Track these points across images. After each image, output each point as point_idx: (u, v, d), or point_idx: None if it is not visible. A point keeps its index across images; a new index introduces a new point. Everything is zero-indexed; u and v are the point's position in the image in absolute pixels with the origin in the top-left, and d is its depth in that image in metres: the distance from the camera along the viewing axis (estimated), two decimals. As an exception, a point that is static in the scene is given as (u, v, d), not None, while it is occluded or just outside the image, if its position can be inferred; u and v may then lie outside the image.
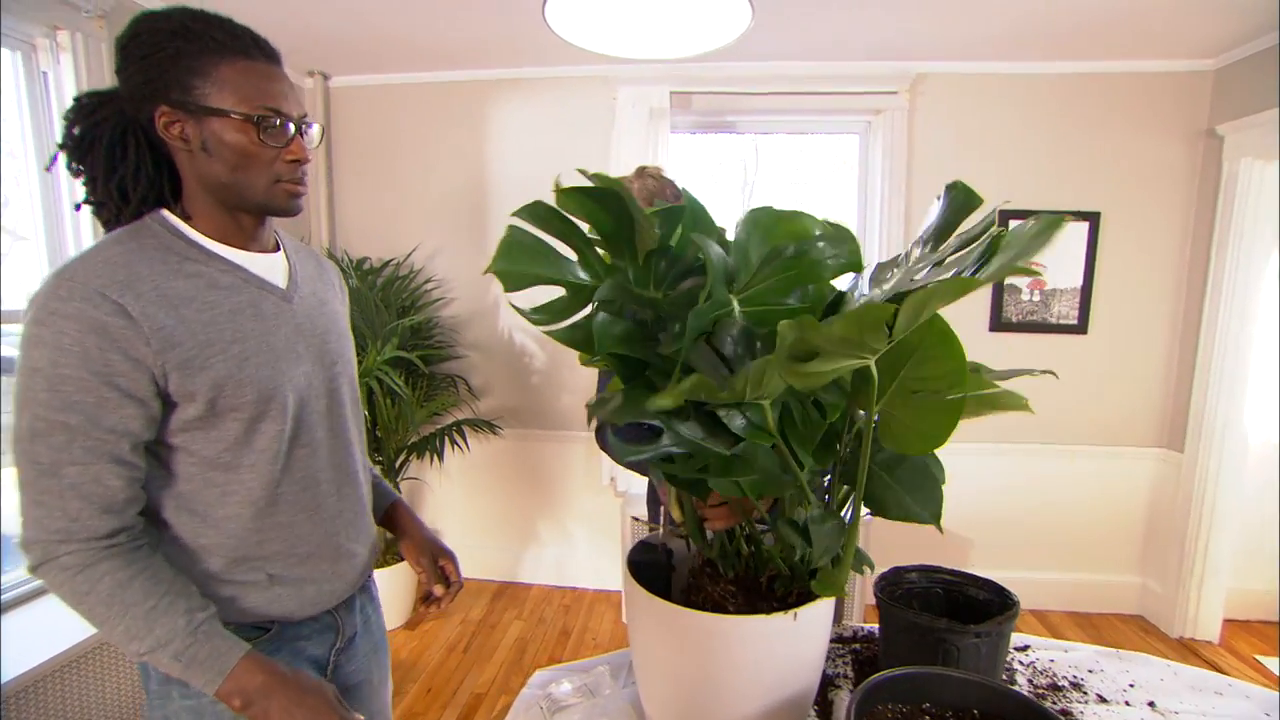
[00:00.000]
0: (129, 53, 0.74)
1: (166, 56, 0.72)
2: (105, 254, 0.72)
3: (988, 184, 2.64)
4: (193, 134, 0.74)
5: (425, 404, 2.65)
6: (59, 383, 0.67)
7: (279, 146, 0.77)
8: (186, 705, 0.79)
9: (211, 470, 0.78)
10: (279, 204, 0.80)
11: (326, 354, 0.88)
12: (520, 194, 2.82)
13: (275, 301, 0.83)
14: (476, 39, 2.43)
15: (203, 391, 0.74)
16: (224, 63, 0.74)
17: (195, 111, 0.73)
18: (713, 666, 0.74)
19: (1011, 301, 2.71)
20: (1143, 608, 2.77)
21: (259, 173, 0.77)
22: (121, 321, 0.68)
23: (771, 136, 2.92)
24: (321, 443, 0.86)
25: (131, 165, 0.76)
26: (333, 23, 2.30)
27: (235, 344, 0.76)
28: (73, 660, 1.53)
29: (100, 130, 0.75)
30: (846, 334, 0.54)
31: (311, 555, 0.86)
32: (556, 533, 3.04)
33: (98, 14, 1.88)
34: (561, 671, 1.02)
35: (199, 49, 0.73)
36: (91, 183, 0.78)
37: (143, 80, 0.73)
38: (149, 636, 0.71)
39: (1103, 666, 1.07)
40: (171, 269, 0.74)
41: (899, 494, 0.70)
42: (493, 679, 2.31)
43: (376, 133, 2.88)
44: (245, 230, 0.82)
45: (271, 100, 0.76)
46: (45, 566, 0.70)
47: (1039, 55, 2.50)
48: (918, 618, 0.90)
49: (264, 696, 0.73)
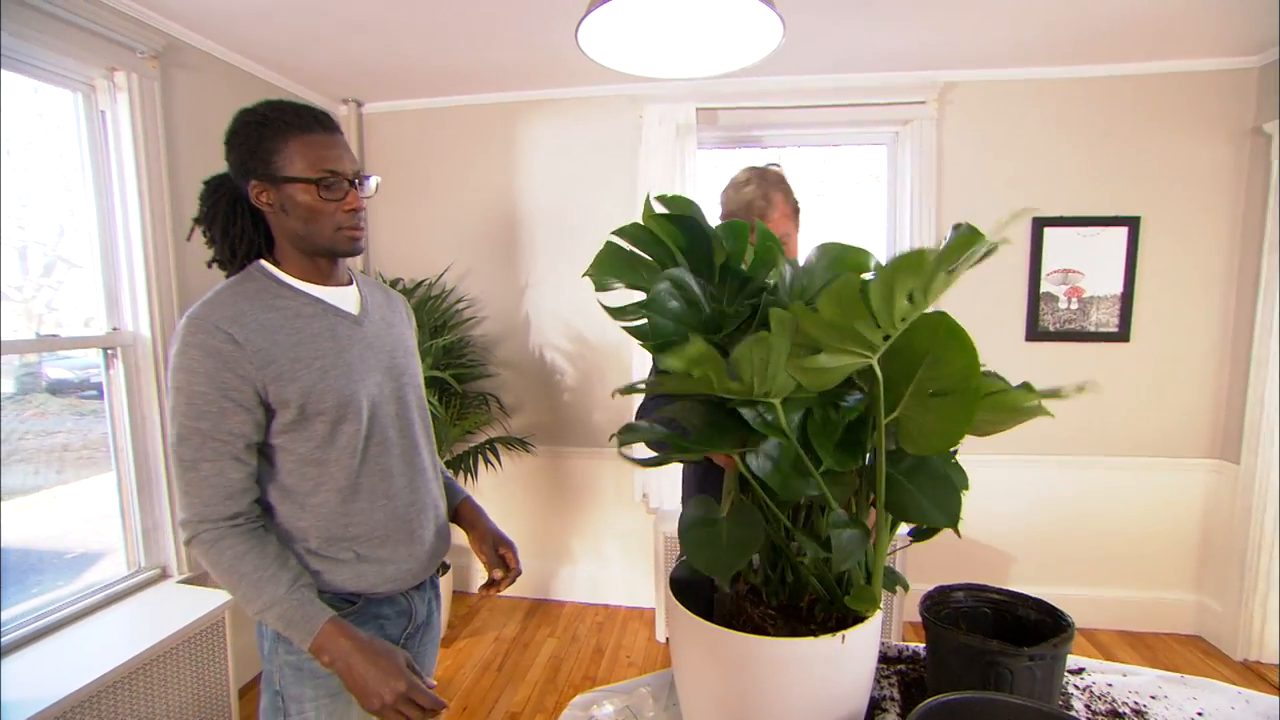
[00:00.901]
0: (231, 142, 0.96)
1: (254, 142, 0.93)
2: (220, 298, 0.93)
3: (1020, 191, 2.60)
4: (275, 199, 0.95)
5: (459, 422, 2.68)
6: (193, 398, 0.88)
7: (338, 200, 0.96)
8: (289, 660, 0.98)
9: (305, 465, 0.96)
10: (342, 247, 0.99)
11: (394, 367, 1.06)
12: (549, 213, 2.88)
13: (349, 325, 1.02)
14: (505, 63, 2.49)
15: (294, 399, 0.92)
16: (292, 139, 0.93)
17: (275, 181, 0.93)
18: (759, 690, 0.73)
19: (1048, 310, 2.65)
20: (1201, 627, 2.64)
21: (325, 223, 0.96)
22: (231, 347, 0.89)
23: (794, 150, 2.91)
24: (393, 441, 1.04)
25: (238, 230, 0.99)
26: (365, 52, 2.38)
27: (317, 360, 0.95)
28: (72, 708, 1.47)
29: (219, 204, 0.99)
30: (831, 317, 0.56)
31: (389, 538, 1.03)
32: (589, 550, 3.04)
33: (151, 54, 1.98)
34: (602, 694, 1.02)
35: (274, 132, 0.93)
36: (213, 245, 1.01)
37: (239, 162, 0.95)
38: (259, 599, 0.89)
39: (1166, 693, 1.02)
40: (266, 304, 0.95)
41: (917, 498, 0.70)
42: (528, 698, 2.30)
43: (408, 157, 2.96)
44: (322, 270, 1.02)
45: (329, 164, 0.95)
46: (193, 542, 0.91)
47: (1070, 59, 2.46)
48: (968, 639, 0.87)
49: (346, 654, 0.90)
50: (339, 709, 0.99)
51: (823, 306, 0.56)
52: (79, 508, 2.02)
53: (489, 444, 2.76)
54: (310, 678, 0.97)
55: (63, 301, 2.01)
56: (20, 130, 1.81)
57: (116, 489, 2.02)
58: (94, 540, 2.03)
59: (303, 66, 2.49)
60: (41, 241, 1.97)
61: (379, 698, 0.90)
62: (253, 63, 2.43)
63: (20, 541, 1.86)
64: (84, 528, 2.02)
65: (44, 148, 1.91)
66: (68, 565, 1.95)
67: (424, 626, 1.15)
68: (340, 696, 0.99)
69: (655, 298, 0.73)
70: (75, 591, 1.89)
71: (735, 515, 0.74)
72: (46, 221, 1.97)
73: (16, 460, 1.85)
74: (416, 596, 1.11)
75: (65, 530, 1.99)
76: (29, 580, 1.83)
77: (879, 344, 0.60)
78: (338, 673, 0.91)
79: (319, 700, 0.98)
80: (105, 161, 1.94)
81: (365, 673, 0.90)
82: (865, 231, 2.86)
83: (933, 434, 0.64)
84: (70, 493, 1.99)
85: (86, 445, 2.02)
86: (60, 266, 2.00)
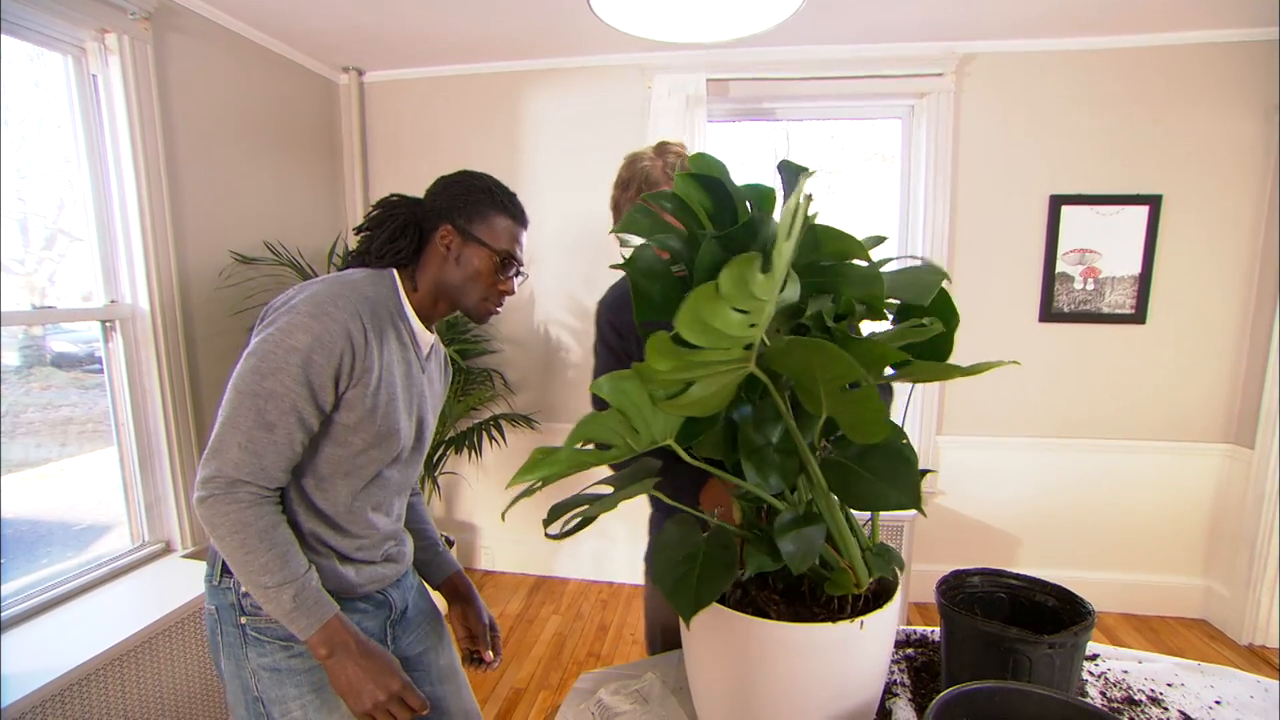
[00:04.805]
0: (449, 188, 1.04)
1: (473, 199, 1.03)
2: (365, 290, 0.97)
3: (1039, 167, 2.54)
4: (456, 248, 1.03)
5: (462, 398, 2.66)
6: (308, 365, 0.87)
7: (502, 278, 1.05)
8: (263, 664, 0.95)
9: (324, 465, 0.96)
10: (478, 315, 1.07)
11: (424, 420, 1.09)
12: (555, 185, 2.82)
13: (417, 369, 1.06)
14: (511, 30, 2.42)
15: (362, 410, 0.94)
16: (499, 216, 1.04)
17: (467, 237, 1.02)
18: (775, 676, 0.71)
19: (1063, 291, 2.59)
20: (1207, 611, 2.63)
21: (478, 290, 1.04)
22: (361, 339, 0.92)
23: (803, 124, 2.84)
24: (396, 482, 1.07)
25: (401, 246, 1.04)
26: (367, 18, 2.31)
27: (391, 387, 0.98)
28: (76, 681, 1.47)
29: (395, 218, 1.04)
30: (666, 363, 0.55)
31: (375, 546, 1.04)
32: (593, 527, 3.03)
33: (143, 15, 1.91)
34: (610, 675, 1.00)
35: (491, 203, 1.04)
36: (367, 242, 1.05)
37: (446, 204, 1.03)
38: (280, 573, 0.87)
39: (1183, 680, 1.00)
40: (386, 320, 0.98)
41: (873, 483, 0.67)
42: (532, 674, 2.31)
43: (410, 126, 2.89)
44: (435, 315, 1.08)
45: (513, 248, 1.06)
46: (221, 498, 0.86)
47: (1092, 30, 2.37)
48: (986, 626, 0.84)
49: (343, 651, 0.90)
50: (325, 703, 0.96)
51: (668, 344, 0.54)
52: (86, 480, 2.02)
53: (493, 420, 2.74)
54: (290, 676, 0.95)
55: (63, 275, 1.98)
56: (17, 100, 1.76)
57: (118, 463, 2.01)
58: (101, 513, 2.03)
59: (302, 32, 2.42)
60: (41, 214, 1.93)
61: (372, 696, 0.90)
62: (250, 27, 2.35)
63: (29, 513, 1.86)
64: (91, 500, 2.02)
65: (41, 117, 1.86)
66: (76, 537, 1.94)
67: (410, 608, 1.16)
68: (325, 691, 0.97)
69: (639, 255, 0.70)
70: (84, 563, 1.89)
71: (711, 547, 0.72)
72: (46, 193, 1.93)
73: (21, 433, 1.84)
74: (393, 590, 1.11)
75: (73, 502, 1.98)
76: (38, 551, 1.83)
77: (742, 353, 0.58)
78: (329, 668, 0.90)
79: (303, 698, 0.96)
80: (98, 128, 1.89)
81: (361, 670, 0.90)
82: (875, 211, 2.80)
83: (866, 423, 0.62)
84: (77, 465, 1.99)
85: (91, 419, 2.00)
86: (61, 239, 1.97)
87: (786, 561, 0.67)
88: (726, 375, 0.60)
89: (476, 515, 3.11)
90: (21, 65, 1.77)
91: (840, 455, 0.70)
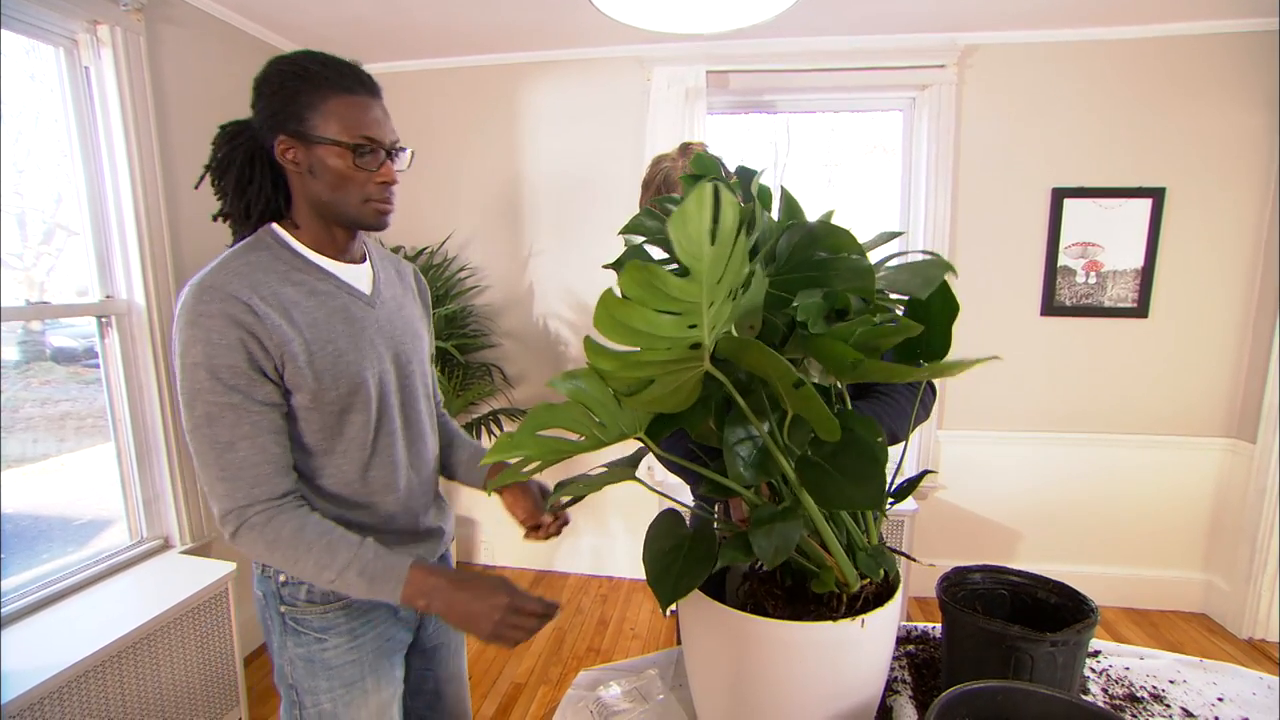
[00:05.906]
0: (260, 90, 0.88)
1: (288, 94, 0.85)
2: (232, 265, 0.85)
3: (1041, 160, 2.52)
4: (303, 159, 0.87)
5: (462, 393, 2.65)
6: (218, 371, 0.81)
7: (371, 170, 0.89)
8: (299, 654, 0.94)
9: (308, 456, 0.91)
10: (368, 220, 0.92)
11: (402, 354, 0.99)
12: (554, 179, 2.80)
13: (362, 306, 0.95)
14: (509, 22, 2.39)
15: (307, 384, 0.86)
16: (331, 98, 0.86)
17: (307, 140, 0.86)
18: (776, 675, 0.70)
19: (1065, 284, 2.58)
20: (1207, 606, 2.63)
21: (353, 193, 0.89)
22: (252, 318, 0.82)
23: (804, 116, 2.82)
24: (398, 433, 0.98)
25: (256, 187, 0.91)
26: (364, 9, 2.28)
27: (330, 344, 0.88)
28: (76, 677, 1.47)
29: (235, 154, 0.90)
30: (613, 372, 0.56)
31: (396, 530, 0.99)
32: (593, 522, 3.04)
33: (135, 7, 1.89)
34: (609, 672, 0.99)
35: (313, 87, 0.86)
36: (224, 199, 0.93)
37: (269, 113, 0.87)
38: (335, 563, 0.84)
39: (1185, 677, 1.00)
40: (282, 277, 0.87)
41: (840, 482, 0.67)
42: (531, 669, 2.31)
43: (409, 119, 2.87)
44: (339, 242, 0.95)
45: (368, 130, 0.88)
46: (241, 530, 0.83)
47: (1095, 21, 2.35)
48: (988, 624, 0.84)
49: (439, 594, 0.86)
50: (354, 699, 0.96)
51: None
52: (86, 475, 2.01)
53: (492, 415, 2.74)
54: (323, 669, 0.95)
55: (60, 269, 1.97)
56: (14, 94, 1.74)
57: (116, 459, 2.00)
58: (100, 508, 2.02)
59: (298, 23, 2.40)
60: (39, 209, 1.92)
61: (488, 619, 0.86)
62: (243, 18, 2.33)
63: (29, 508, 1.86)
64: (91, 495, 2.02)
65: (38, 111, 1.85)
66: (75, 532, 1.94)
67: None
68: (355, 687, 0.96)
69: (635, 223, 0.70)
70: (84, 558, 1.88)
71: (693, 541, 0.73)
72: (44, 188, 1.92)
73: (20, 428, 1.83)
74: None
75: (73, 498, 1.98)
76: (38, 546, 1.83)
77: (688, 353, 0.57)
78: (438, 613, 0.87)
79: (333, 691, 0.95)
80: (91, 121, 1.87)
81: (467, 601, 0.86)
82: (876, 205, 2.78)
83: (818, 421, 0.63)
84: (77, 461, 1.98)
85: (90, 414, 2.00)
86: (59, 234, 1.96)
87: (759, 555, 0.66)
88: (682, 374, 0.60)
89: (476, 510, 3.11)
90: (18, 59, 1.75)
91: (816, 454, 0.69)
